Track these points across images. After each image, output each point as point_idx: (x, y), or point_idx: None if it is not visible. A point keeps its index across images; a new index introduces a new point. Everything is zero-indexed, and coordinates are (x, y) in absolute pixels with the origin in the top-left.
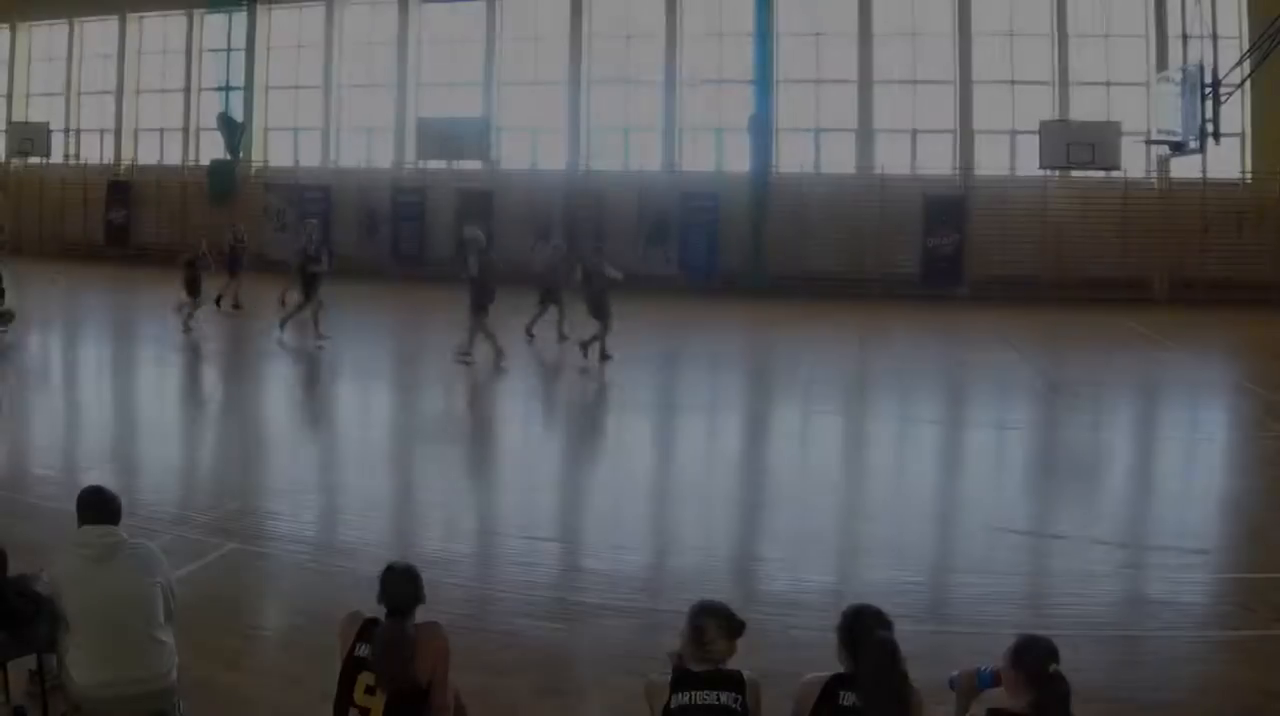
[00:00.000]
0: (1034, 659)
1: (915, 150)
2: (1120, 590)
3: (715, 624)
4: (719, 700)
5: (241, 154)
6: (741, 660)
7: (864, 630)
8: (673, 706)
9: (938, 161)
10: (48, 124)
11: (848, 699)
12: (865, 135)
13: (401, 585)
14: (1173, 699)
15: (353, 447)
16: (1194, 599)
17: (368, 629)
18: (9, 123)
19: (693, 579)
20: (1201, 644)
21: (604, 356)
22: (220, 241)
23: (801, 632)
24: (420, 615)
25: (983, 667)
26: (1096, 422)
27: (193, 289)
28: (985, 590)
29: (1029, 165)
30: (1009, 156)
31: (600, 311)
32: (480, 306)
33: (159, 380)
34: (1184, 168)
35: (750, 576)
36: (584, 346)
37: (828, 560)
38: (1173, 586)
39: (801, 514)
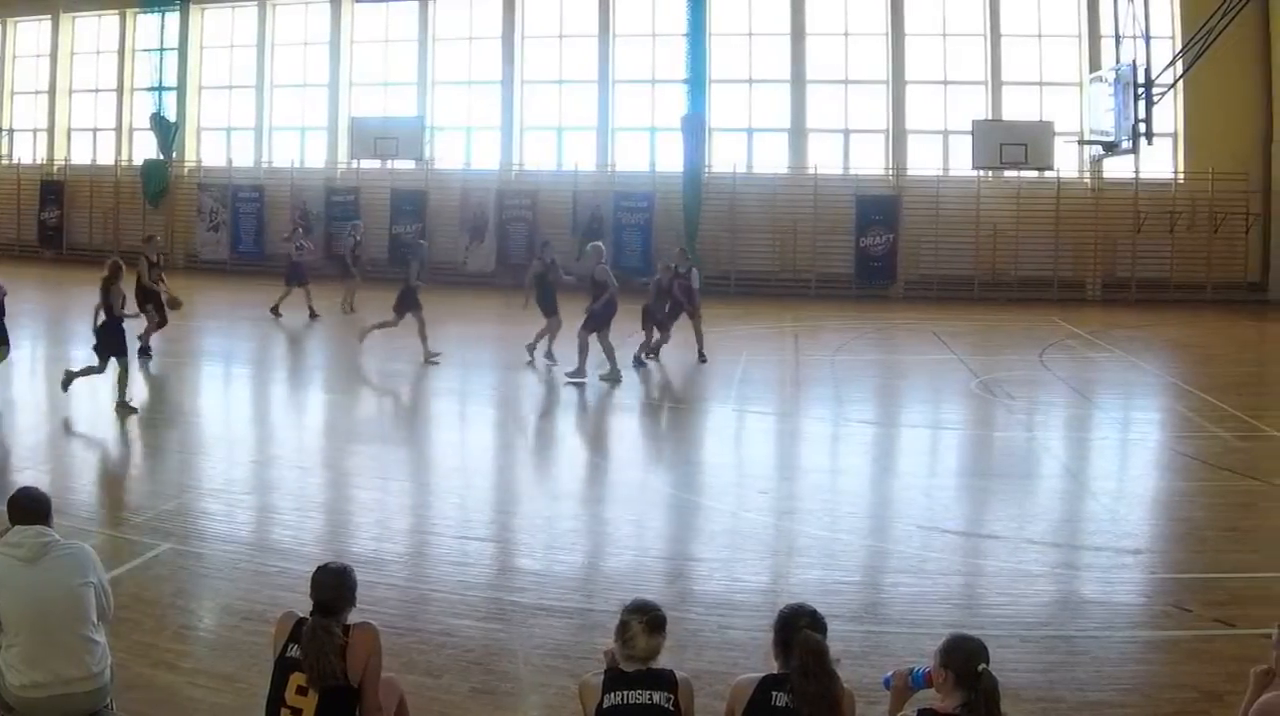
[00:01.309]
0: (963, 658)
1: (848, 150)
2: (1054, 590)
3: (636, 620)
4: (651, 700)
5: (174, 154)
6: (675, 660)
7: (795, 630)
8: (605, 706)
9: (870, 161)
10: None
11: (780, 699)
12: (798, 135)
13: (330, 584)
14: (1107, 699)
15: (288, 447)
16: (1128, 599)
17: (298, 629)
18: None
19: (628, 579)
20: (1135, 644)
21: (548, 354)
22: (341, 245)
23: (735, 633)
24: (355, 615)
25: (916, 667)
26: (1030, 422)
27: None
28: (919, 590)
29: (962, 165)
30: (942, 156)
31: (551, 310)
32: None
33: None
34: (1117, 168)
35: (685, 577)
36: (530, 347)
37: (762, 560)
38: (1106, 586)
39: (736, 514)
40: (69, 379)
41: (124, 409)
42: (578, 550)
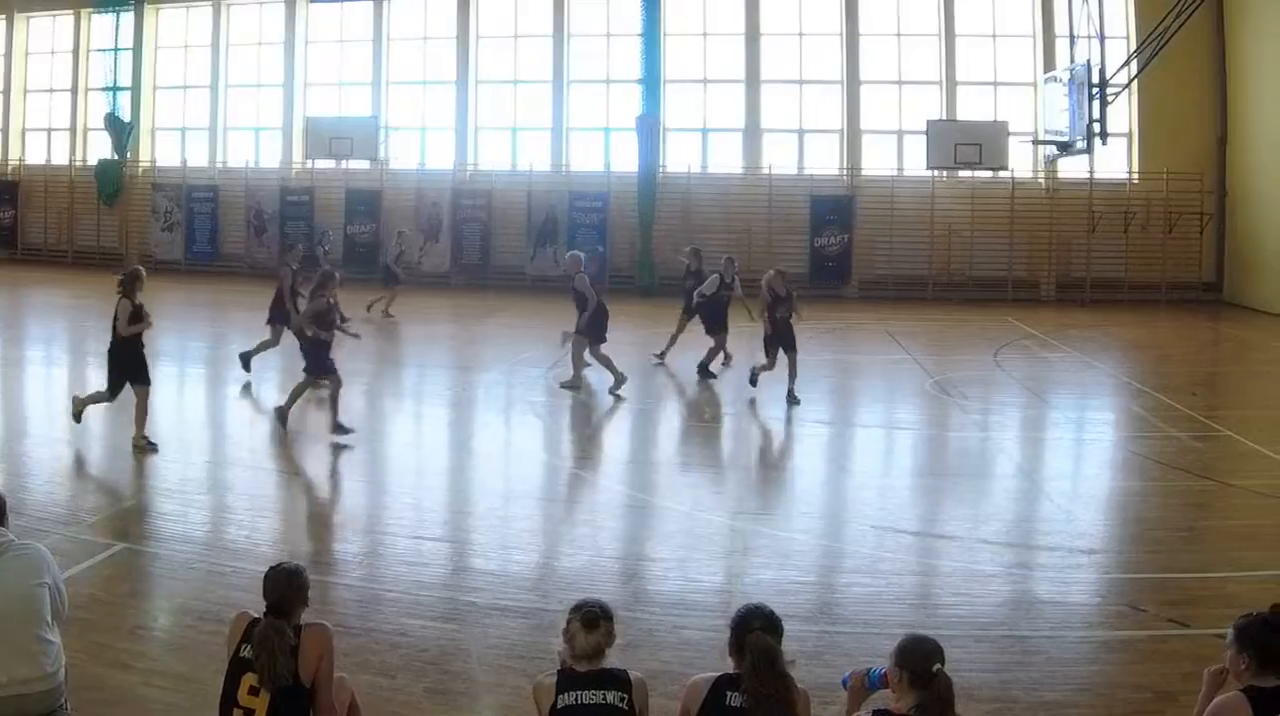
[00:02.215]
0: (917, 659)
1: (803, 150)
2: (1008, 590)
3: (574, 618)
4: (605, 699)
5: (129, 154)
6: (630, 660)
7: (748, 631)
8: (559, 706)
9: (825, 161)
10: None
11: (735, 699)
12: (753, 135)
13: (281, 585)
14: (1061, 699)
15: (243, 448)
16: (1082, 599)
17: (251, 629)
18: None
19: (582, 579)
20: (1090, 644)
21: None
22: (385, 253)
23: (690, 633)
24: (309, 615)
25: (874, 668)
26: (984, 423)
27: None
28: (874, 590)
29: (916, 165)
30: (896, 156)
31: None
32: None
33: (60, 381)
34: (1071, 168)
35: (639, 576)
36: None
37: (716, 560)
38: (1061, 587)
39: (690, 513)
40: (79, 409)
41: (144, 445)
42: (532, 550)
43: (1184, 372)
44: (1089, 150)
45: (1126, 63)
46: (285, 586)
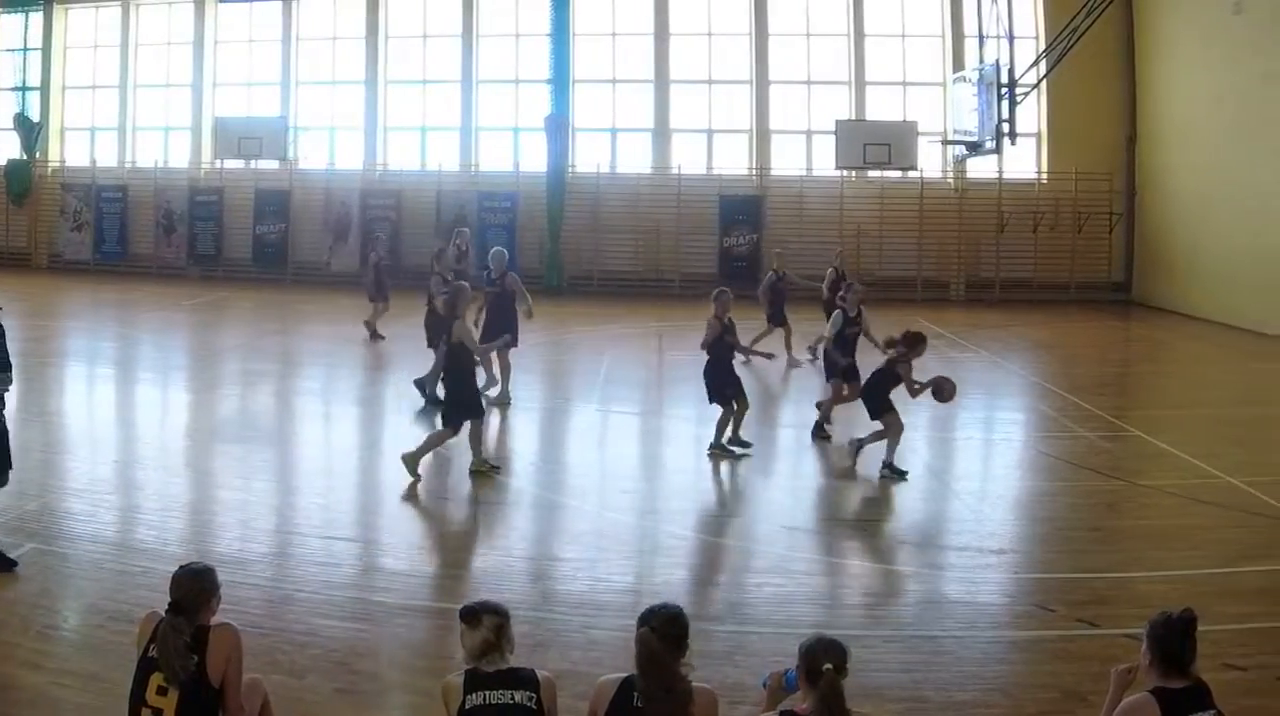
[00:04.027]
0: (810, 658)
1: (712, 150)
2: (918, 590)
3: (460, 616)
4: (513, 699)
5: (38, 154)
6: (539, 659)
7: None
8: (468, 706)
9: (734, 161)
10: None
11: (641, 699)
12: (662, 135)
13: (185, 584)
14: (971, 699)
15: (152, 447)
16: (991, 599)
17: (159, 629)
18: None
19: (492, 579)
20: (999, 644)
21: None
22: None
23: (599, 633)
24: (219, 615)
25: (789, 669)
26: None
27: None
28: (784, 590)
29: (825, 165)
30: (805, 156)
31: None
32: None
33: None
34: (980, 168)
35: (548, 576)
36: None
37: (626, 560)
38: (970, 586)
39: (600, 513)
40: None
41: (484, 467)
42: (442, 550)
43: (1093, 372)
44: (998, 150)
45: (1035, 62)
46: (188, 586)
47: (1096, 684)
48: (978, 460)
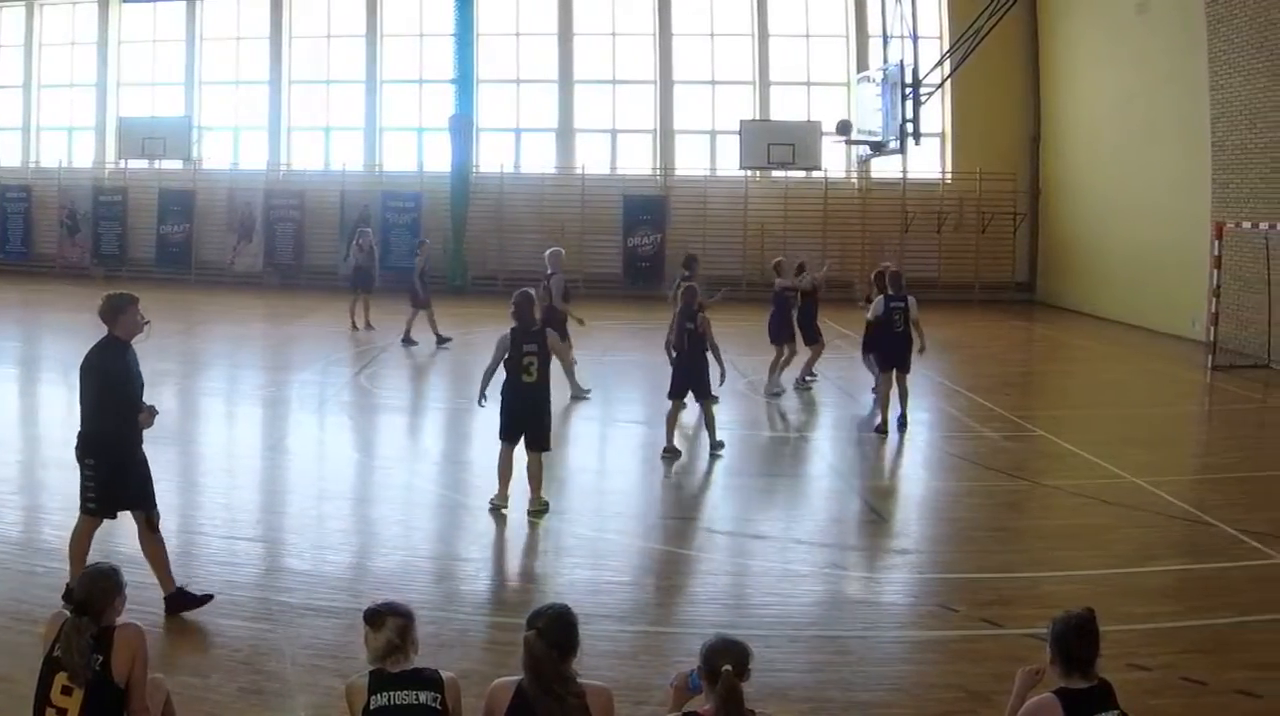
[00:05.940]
0: (709, 658)
1: (615, 150)
2: (822, 590)
3: (363, 618)
4: (418, 700)
5: None
6: (443, 660)
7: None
8: (372, 707)
9: (638, 161)
10: None
11: (533, 704)
12: (566, 135)
13: (89, 584)
14: (875, 699)
15: (56, 447)
16: (895, 599)
17: (63, 629)
18: None
19: (395, 579)
20: (903, 644)
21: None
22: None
23: (502, 633)
24: (125, 616)
25: (693, 670)
26: (798, 423)
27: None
28: (688, 590)
29: (729, 165)
30: (709, 156)
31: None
32: None
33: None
34: (884, 168)
35: (452, 576)
36: None
37: (529, 560)
38: (874, 587)
39: (502, 513)
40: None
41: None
42: (346, 550)
43: (996, 372)
44: (902, 150)
45: (940, 62)
46: (92, 586)
47: (1000, 684)
48: (882, 460)
